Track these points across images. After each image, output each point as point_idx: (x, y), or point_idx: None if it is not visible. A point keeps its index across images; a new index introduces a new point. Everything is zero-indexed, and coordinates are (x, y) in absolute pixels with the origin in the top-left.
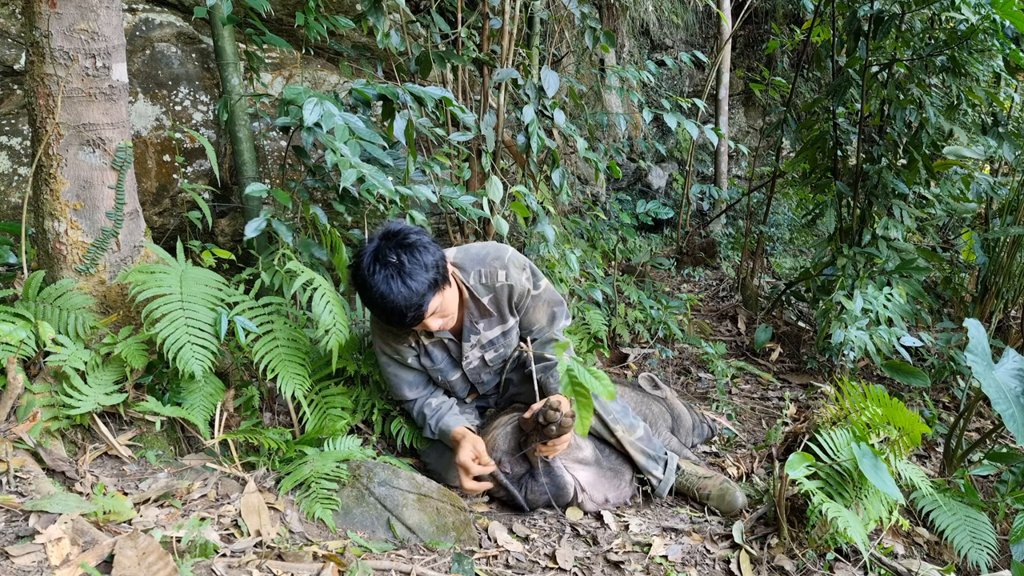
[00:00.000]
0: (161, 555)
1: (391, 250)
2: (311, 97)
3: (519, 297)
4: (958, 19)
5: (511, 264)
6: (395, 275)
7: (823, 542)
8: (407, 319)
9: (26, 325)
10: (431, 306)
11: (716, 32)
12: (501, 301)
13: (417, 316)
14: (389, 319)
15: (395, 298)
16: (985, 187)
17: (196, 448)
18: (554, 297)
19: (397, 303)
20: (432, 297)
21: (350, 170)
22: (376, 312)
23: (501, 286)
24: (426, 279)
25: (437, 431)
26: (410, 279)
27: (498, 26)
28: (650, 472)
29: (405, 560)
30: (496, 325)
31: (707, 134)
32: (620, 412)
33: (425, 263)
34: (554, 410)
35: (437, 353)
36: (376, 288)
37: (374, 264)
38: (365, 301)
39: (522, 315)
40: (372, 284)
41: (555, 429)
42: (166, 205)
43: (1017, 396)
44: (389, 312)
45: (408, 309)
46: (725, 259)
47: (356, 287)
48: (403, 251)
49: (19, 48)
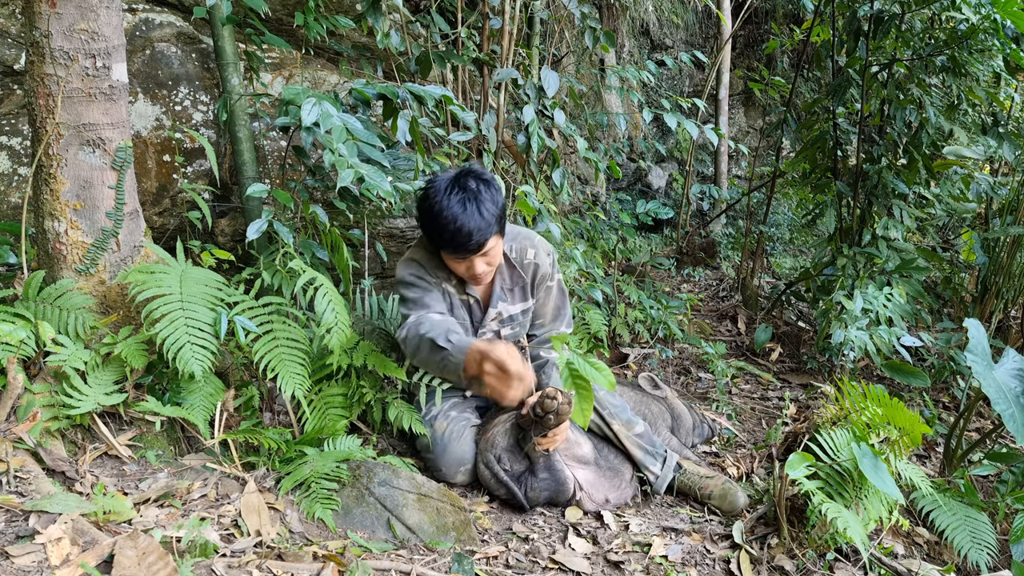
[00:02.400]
0: (161, 555)
1: (471, 179)
2: (310, 97)
3: (541, 278)
4: (958, 19)
5: (540, 246)
6: (472, 200)
7: (823, 542)
8: (472, 243)
9: (26, 325)
10: (490, 242)
11: (716, 32)
12: (526, 278)
13: (479, 244)
14: (453, 239)
15: (467, 220)
16: (985, 187)
17: (196, 448)
18: (564, 298)
19: (468, 226)
20: (494, 232)
21: (348, 170)
22: (441, 233)
23: (528, 263)
24: (495, 213)
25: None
26: (484, 207)
27: (498, 26)
28: (648, 468)
29: (405, 560)
30: (518, 301)
31: (707, 134)
32: (618, 408)
33: (496, 200)
34: (551, 398)
35: (461, 312)
36: (451, 209)
37: (453, 187)
38: (431, 223)
39: (536, 300)
40: (447, 205)
41: (553, 418)
42: (166, 205)
43: (1017, 396)
44: (455, 232)
45: (475, 233)
46: (725, 259)
47: (424, 209)
48: (481, 183)
49: (19, 48)
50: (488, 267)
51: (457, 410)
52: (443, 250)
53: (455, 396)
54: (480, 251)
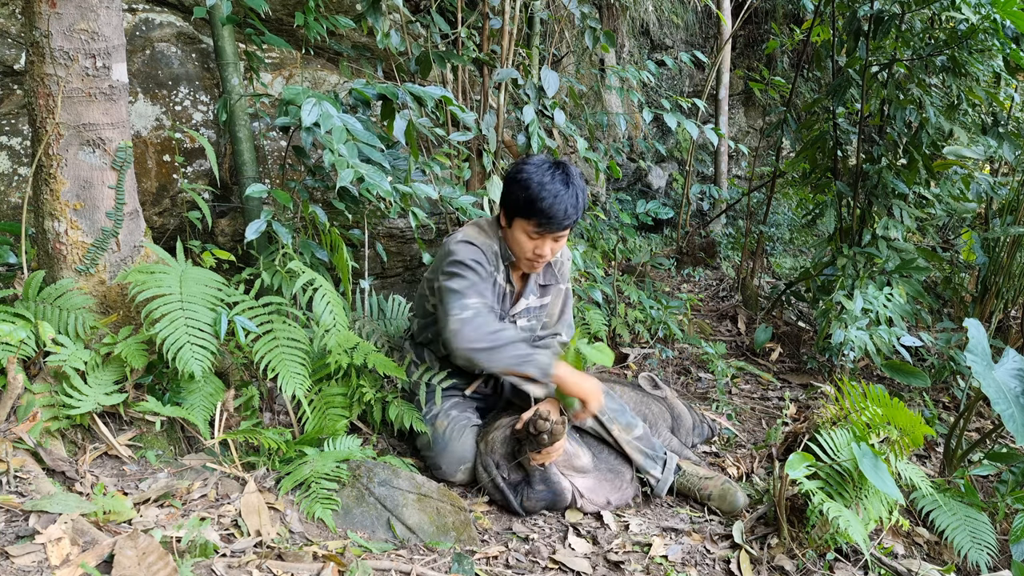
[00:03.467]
0: (161, 555)
1: (571, 169)
2: (310, 97)
3: (561, 278)
4: (958, 19)
5: (566, 250)
6: (573, 184)
7: (823, 542)
8: (565, 220)
9: (26, 325)
10: (568, 231)
11: (716, 32)
12: (556, 276)
13: (567, 224)
14: (550, 209)
15: (567, 198)
16: (985, 187)
17: (196, 448)
18: (570, 304)
19: (566, 203)
20: (577, 221)
21: (347, 170)
22: (537, 205)
23: (557, 262)
24: (586, 205)
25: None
26: (580, 195)
27: (498, 26)
28: (648, 471)
29: (405, 560)
30: (540, 297)
31: (707, 134)
32: (617, 411)
33: (586, 196)
34: (543, 419)
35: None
36: (553, 184)
37: (556, 168)
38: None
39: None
40: (550, 180)
41: (546, 438)
42: (166, 205)
43: (1017, 396)
44: (553, 206)
45: (570, 210)
46: (725, 259)
47: (520, 180)
48: (580, 178)
49: (19, 48)
50: (551, 254)
51: (458, 409)
52: (529, 220)
53: (455, 396)
54: (562, 231)
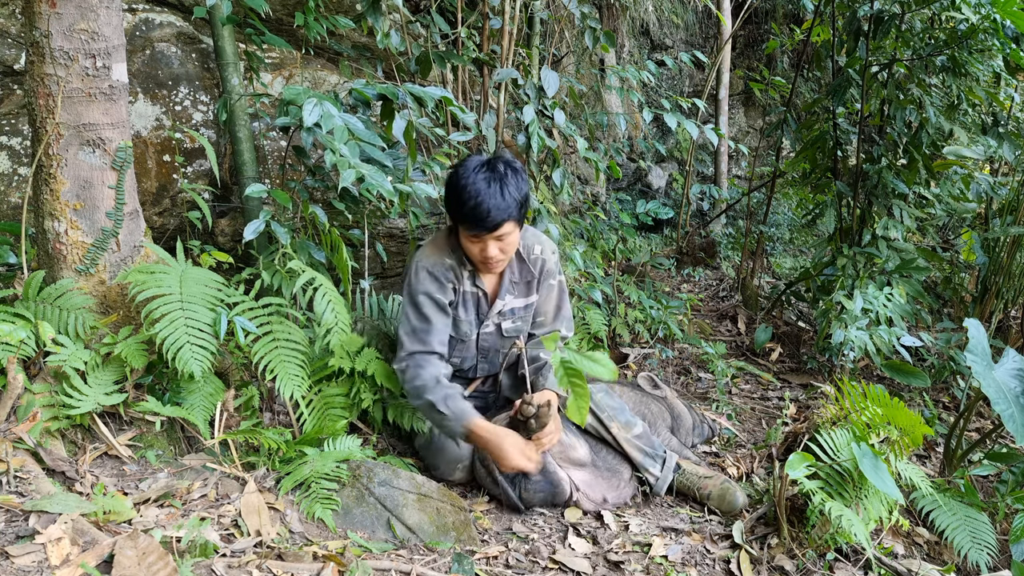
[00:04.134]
0: (161, 555)
1: (500, 164)
2: (311, 97)
3: (545, 274)
4: (958, 19)
5: (546, 243)
6: (496, 181)
7: (823, 542)
8: (488, 221)
9: (26, 325)
10: (507, 227)
11: (716, 32)
12: (533, 272)
13: (496, 223)
14: (472, 214)
15: (488, 199)
16: (985, 187)
17: (196, 448)
18: (565, 298)
19: (488, 204)
20: (513, 218)
21: (349, 170)
22: (462, 207)
23: (535, 258)
24: (517, 199)
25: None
26: (507, 190)
27: (498, 26)
28: (647, 469)
29: (405, 560)
30: (522, 296)
31: (707, 134)
32: (616, 409)
33: (520, 188)
34: (527, 404)
35: (470, 305)
36: (475, 186)
37: (482, 168)
38: (454, 198)
39: (538, 297)
40: (472, 181)
41: (534, 423)
42: (166, 205)
43: (1017, 396)
44: (475, 207)
45: (493, 211)
46: (725, 259)
47: (449, 184)
48: (509, 169)
49: (19, 48)
50: (501, 253)
51: None
52: (462, 225)
53: None
54: (495, 231)
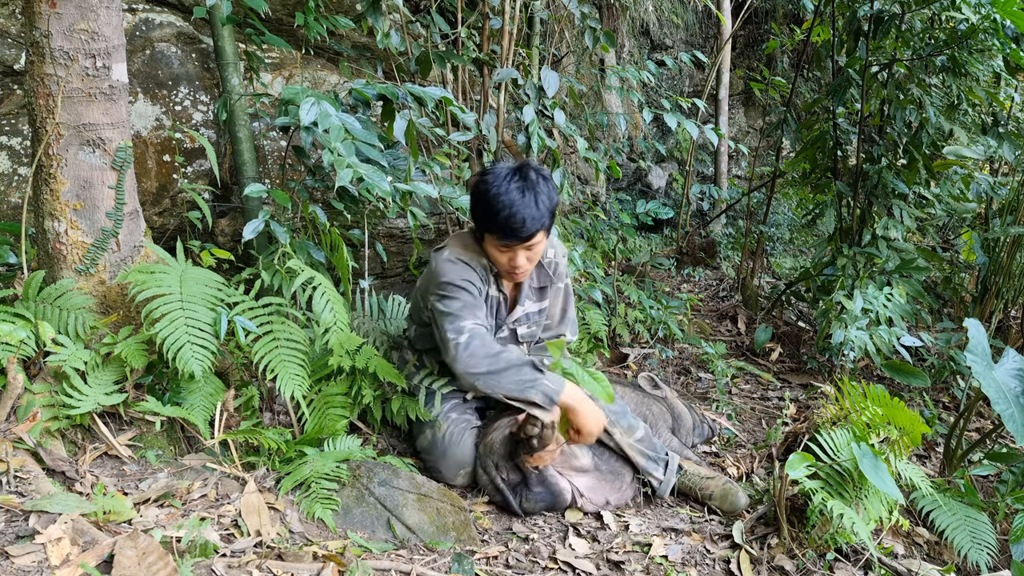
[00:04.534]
0: (161, 555)
1: (531, 172)
2: (309, 97)
3: (557, 277)
4: (958, 19)
5: (558, 246)
6: (530, 189)
7: (823, 542)
8: (523, 232)
9: (26, 325)
10: (539, 236)
11: (716, 32)
12: (550, 277)
13: (530, 233)
14: (507, 224)
15: (522, 208)
16: (985, 187)
17: (196, 448)
18: (571, 302)
19: (523, 213)
20: (545, 227)
21: (346, 170)
22: (495, 217)
23: (550, 262)
24: (549, 208)
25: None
26: (540, 199)
27: (498, 26)
28: (650, 474)
29: (405, 560)
30: (538, 301)
31: (707, 134)
32: (619, 413)
33: (552, 197)
34: (531, 424)
35: (490, 310)
36: (509, 194)
37: (514, 176)
38: (485, 208)
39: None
40: (506, 190)
41: (536, 442)
42: (166, 205)
43: (1017, 396)
44: (509, 217)
45: (528, 220)
46: (725, 259)
47: (479, 192)
48: (540, 177)
49: (19, 48)
50: (528, 263)
51: (457, 412)
52: (492, 235)
53: (455, 398)
54: (527, 241)
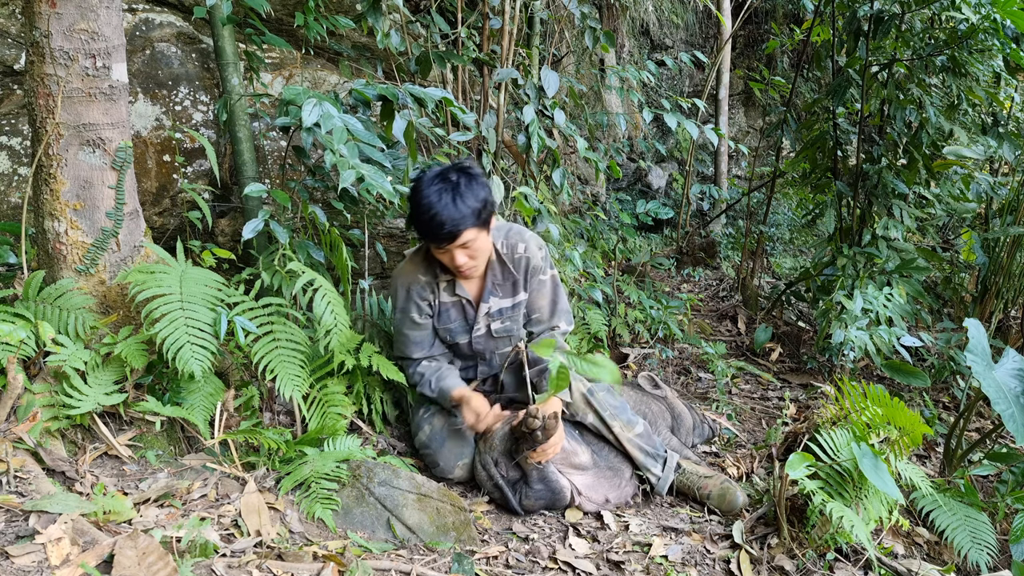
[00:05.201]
0: (161, 555)
1: (454, 172)
2: (310, 98)
3: (532, 271)
4: (958, 19)
5: (530, 240)
6: (448, 191)
7: (823, 542)
8: (443, 232)
9: (26, 325)
10: (467, 235)
11: (716, 32)
12: (517, 272)
13: (452, 233)
14: (428, 229)
15: (440, 209)
16: (985, 187)
17: (196, 448)
18: (559, 292)
19: (441, 216)
20: (471, 226)
21: (349, 171)
22: (418, 223)
23: (519, 257)
24: (473, 206)
25: (436, 389)
26: (460, 200)
27: (498, 26)
28: (648, 469)
29: (405, 560)
30: (508, 296)
31: (707, 134)
32: (618, 408)
33: (477, 194)
34: (533, 417)
35: (453, 313)
36: (428, 198)
37: (435, 179)
38: (413, 212)
39: (529, 294)
40: (425, 194)
41: (540, 435)
42: (166, 205)
43: (1017, 396)
44: (429, 221)
45: (447, 223)
46: (725, 259)
47: (409, 198)
48: (463, 177)
49: (19, 48)
50: (470, 260)
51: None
52: (423, 239)
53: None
54: (455, 241)
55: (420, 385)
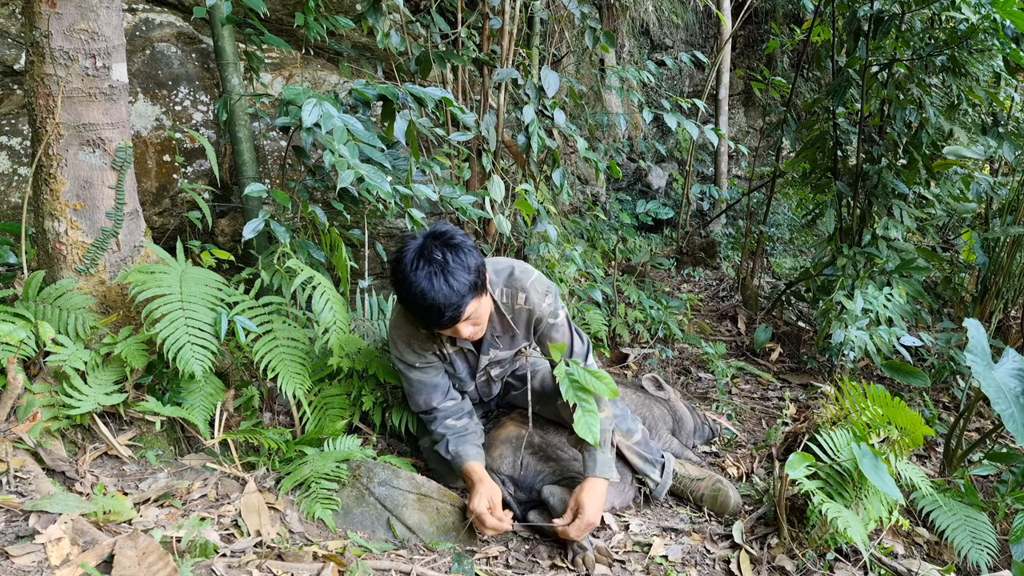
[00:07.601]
0: (161, 555)
1: (436, 248)
2: (310, 98)
3: (537, 321)
4: (958, 19)
5: (532, 288)
6: (438, 272)
7: (823, 542)
8: (444, 319)
9: (26, 325)
10: (468, 309)
11: (716, 32)
12: (518, 325)
13: (454, 317)
14: (426, 317)
15: (436, 296)
16: (985, 187)
17: (196, 448)
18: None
19: (437, 301)
20: (470, 300)
21: (348, 171)
22: (413, 310)
23: (520, 309)
24: (467, 280)
25: (453, 453)
26: (452, 278)
27: (498, 26)
28: (647, 475)
29: (405, 560)
30: (507, 348)
31: (707, 134)
32: (618, 418)
33: (468, 265)
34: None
35: (459, 363)
36: (418, 284)
37: (418, 260)
38: (403, 298)
39: (538, 339)
40: (414, 280)
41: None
42: (166, 205)
43: (1017, 396)
44: (427, 310)
45: (447, 308)
46: (725, 259)
47: (395, 283)
48: (448, 250)
49: (19, 48)
50: (475, 327)
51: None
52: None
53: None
54: (456, 323)
55: (439, 444)
